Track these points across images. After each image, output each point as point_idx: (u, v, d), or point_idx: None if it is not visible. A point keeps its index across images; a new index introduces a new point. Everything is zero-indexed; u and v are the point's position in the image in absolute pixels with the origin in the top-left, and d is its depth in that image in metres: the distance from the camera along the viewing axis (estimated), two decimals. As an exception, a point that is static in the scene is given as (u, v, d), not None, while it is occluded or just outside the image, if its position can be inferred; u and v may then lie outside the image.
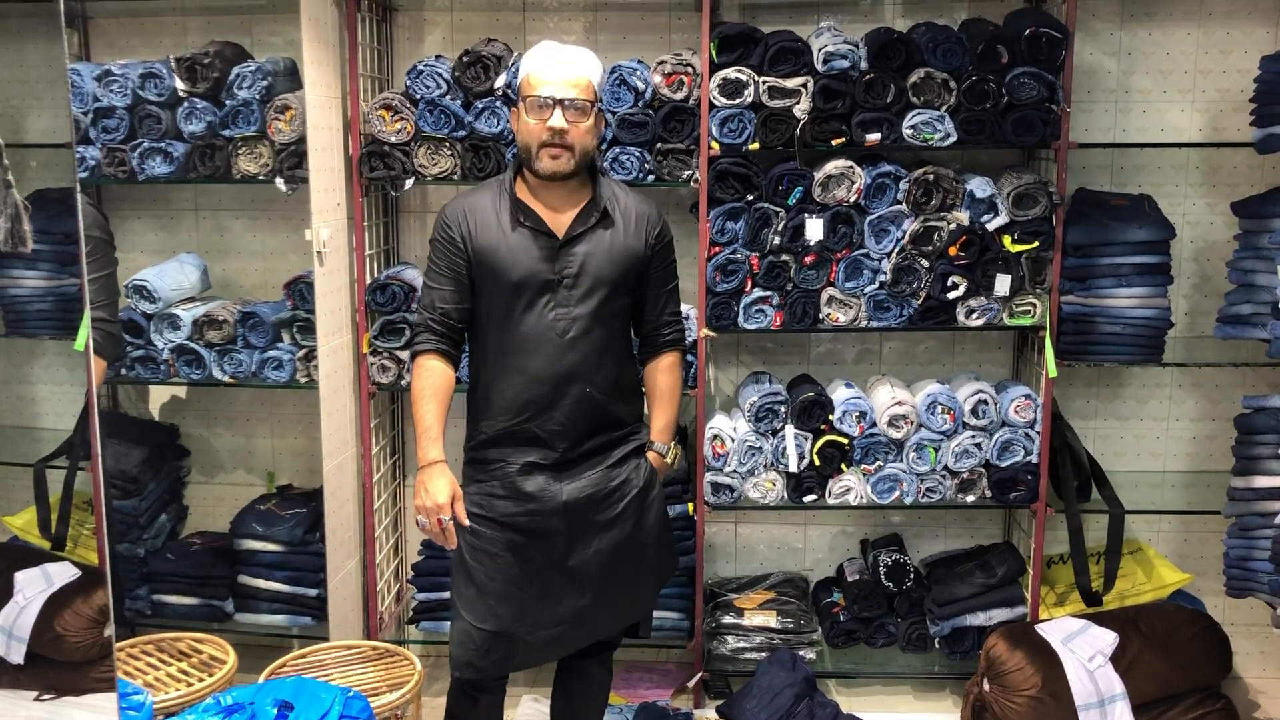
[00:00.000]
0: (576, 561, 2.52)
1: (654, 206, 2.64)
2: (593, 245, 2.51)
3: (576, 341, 2.49)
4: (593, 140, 2.51)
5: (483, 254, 2.50)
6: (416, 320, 2.59)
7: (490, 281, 2.51)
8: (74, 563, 2.38)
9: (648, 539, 2.61)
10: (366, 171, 3.22)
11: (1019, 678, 2.92)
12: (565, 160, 2.45)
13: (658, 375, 2.70)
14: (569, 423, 2.51)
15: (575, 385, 2.50)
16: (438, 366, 2.53)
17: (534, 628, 2.53)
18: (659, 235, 2.62)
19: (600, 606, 2.58)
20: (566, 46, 2.52)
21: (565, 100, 2.43)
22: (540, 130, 2.44)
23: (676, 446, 2.72)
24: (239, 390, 3.56)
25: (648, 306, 2.65)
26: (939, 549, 3.60)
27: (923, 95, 3.04)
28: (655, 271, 2.63)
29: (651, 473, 2.63)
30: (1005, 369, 3.52)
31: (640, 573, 2.62)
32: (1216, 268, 3.36)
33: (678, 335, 2.71)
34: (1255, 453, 3.04)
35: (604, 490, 2.54)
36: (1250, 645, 3.51)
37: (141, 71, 3.20)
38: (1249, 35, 3.28)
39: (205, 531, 3.60)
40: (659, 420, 2.68)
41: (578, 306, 2.49)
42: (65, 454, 2.56)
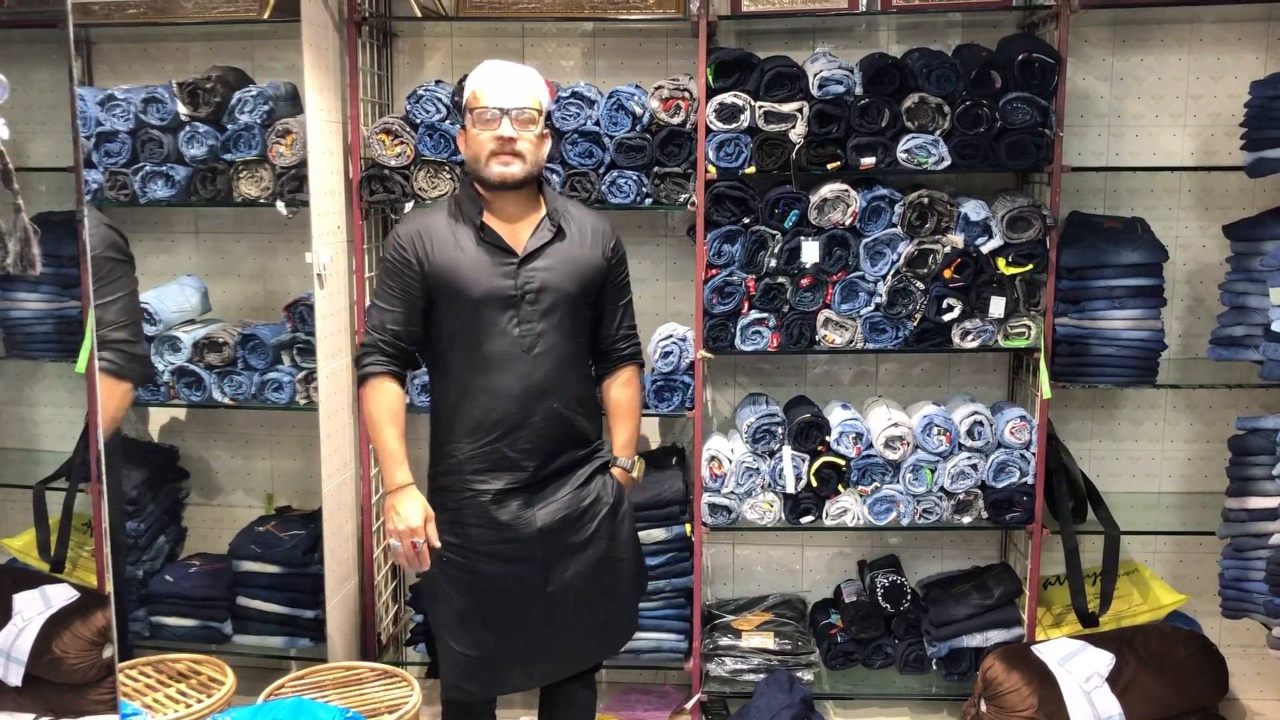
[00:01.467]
0: (555, 587, 2.51)
1: (607, 221, 2.66)
2: (553, 259, 2.51)
3: (543, 357, 2.49)
4: (541, 153, 2.52)
5: (441, 274, 2.48)
6: (365, 341, 2.56)
7: (452, 301, 2.49)
8: (73, 585, 2.39)
9: (623, 555, 2.61)
10: (366, 195, 3.24)
11: (1016, 699, 2.92)
12: (517, 166, 2.45)
13: (619, 390, 2.71)
14: (539, 440, 2.51)
15: (544, 401, 2.50)
16: (391, 389, 2.52)
17: (519, 655, 2.53)
18: (615, 248, 2.63)
19: (583, 629, 2.58)
20: (512, 64, 2.54)
21: (512, 110, 2.44)
22: (489, 140, 2.45)
23: (640, 461, 2.73)
24: (239, 412, 3.57)
25: (605, 321, 2.67)
26: (936, 570, 3.61)
27: (917, 120, 3.07)
28: (612, 285, 2.64)
29: (619, 488, 2.64)
30: (1000, 391, 3.54)
31: (618, 588, 2.62)
32: (1209, 290, 3.38)
33: (634, 349, 2.73)
34: (1249, 474, 3.05)
35: (576, 511, 2.54)
36: (1247, 666, 3.52)
37: (144, 96, 3.23)
38: (1239, 61, 3.32)
39: (204, 553, 3.60)
40: (621, 435, 2.69)
41: (541, 321, 2.49)
42: (65, 476, 2.57)
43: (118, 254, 2.70)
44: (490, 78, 2.49)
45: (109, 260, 2.66)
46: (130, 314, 2.71)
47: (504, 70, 2.51)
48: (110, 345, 2.64)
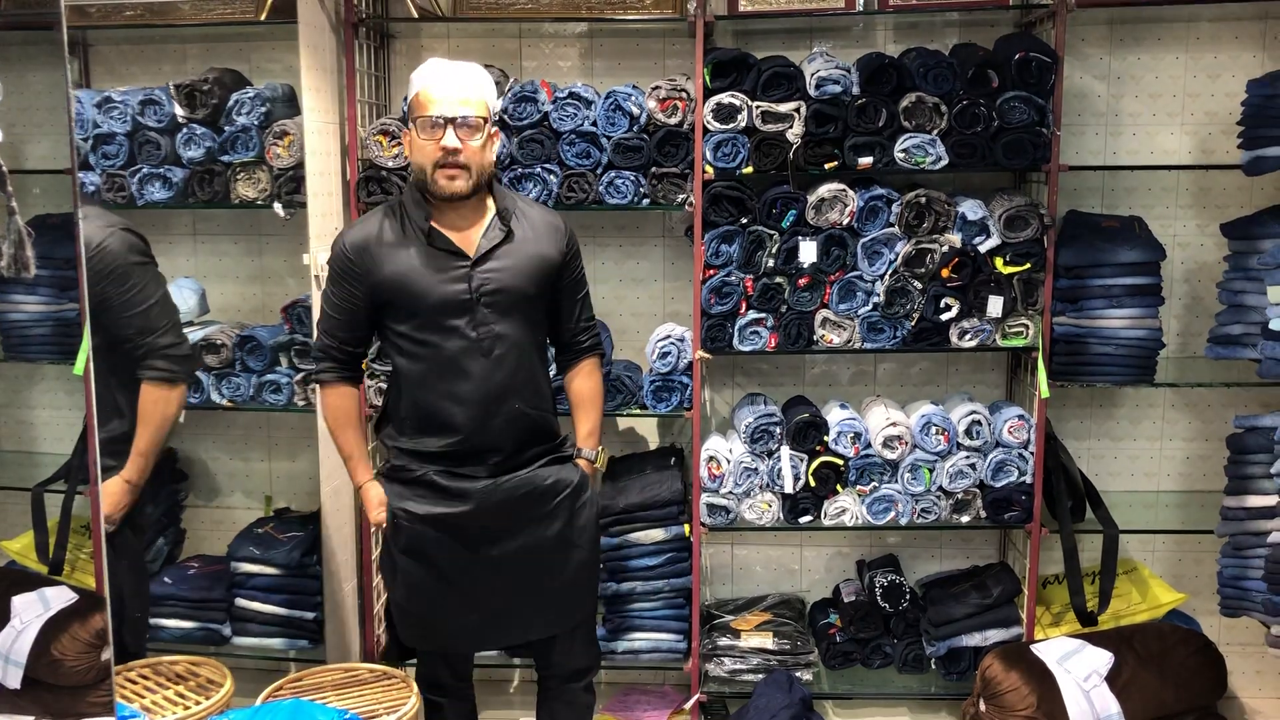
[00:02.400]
0: (499, 551, 2.53)
1: (560, 217, 2.66)
2: (506, 259, 2.51)
3: (503, 359, 2.50)
4: (488, 157, 2.51)
5: (391, 284, 2.48)
6: (316, 346, 2.62)
7: (405, 309, 2.49)
8: (71, 587, 2.38)
9: (578, 540, 2.62)
10: (364, 196, 3.24)
11: (1015, 698, 2.92)
12: (462, 180, 2.45)
13: (580, 381, 2.73)
14: (501, 440, 2.52)
15: (506, 403, 2.51)
16: (348, 391, 2.61)
17: (458, 618, 2.57)
18: (569, 243, 2.64)
19: (526, 602, 2.59)
20: (458, 64, 2.51)
21: (457, 119, 2.43)
22: (434, 150, 2.43)
23: (604, 451, 2.76)
24: (237, 414, 3.57)
25: (563, 314, 2.68)
26: (934, 570, 3.61)
27: (914, 119, 3.07)
28: (568, 280, 2.65)
29: (583, 476, 2.65)
30: (998, 390, 3.54)
31: (568, 571, 2.62)
32: (1207, 288, 3.39)
33: (595, 340, 2.75)
34: (1247, 472, 3.05)
35: (539, 488, 2.55)
36: (1246, 664, 3.52)
37: (141, 98, 3.23)
38: (1236, 59, 3.32)
39: (202, 555, 3.60)
40: (584, 426, 2.71)
41: (499, 323, 2.49)
42: (63, 478, 2.57)
43: (141, 257, 2.71)
44: (434, 80, 2.46)
45: (138, 265, 2.67)
46: (169, 315, 2.72)
47: (449, 74, 2.48)
48: (160, 352, 2.67)
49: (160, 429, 2.71)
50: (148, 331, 2.65)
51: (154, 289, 2.69)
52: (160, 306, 2.70)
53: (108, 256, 2.61)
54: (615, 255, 3.53)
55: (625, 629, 3.34)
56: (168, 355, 2.67)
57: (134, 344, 2.65)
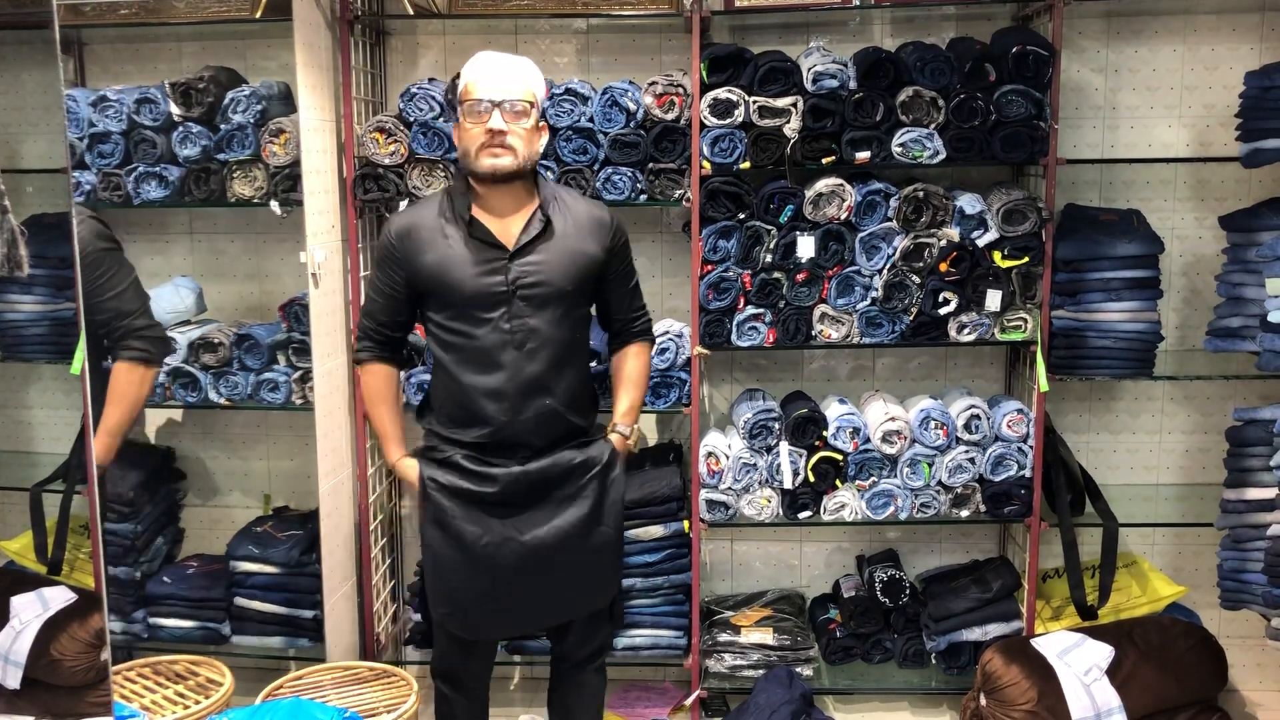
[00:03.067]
0: (531, 537, 2.51)
1: (606, 209, 2.65)
2: (545, 254, 2.50)
3: (536, 353, 2.49)
4: (535, 145, 2.50)
5: (430, 272, 2.49)
6: (359, 326, 2.66)
7: (442, 298, 2.50)
8: (70, 587, 2.38)
9: (607, 520, 2.60)
10: (361, 194, 3.24)
11: (1015, 692, 2.92)
12: (507, 158, 2.44)
13: (627, 360, 2.72)
14: (532, 436, 2.52)
15: (536, 398, 2.50)
16: (383, 370, 2.63)
17: (484, 600, 2.54)
18: (615, 237, 2.63)
19: (558, 587, 2.57)
20: (506, 55, 2.52)
21: (504, 102, 2.43)
22: (479, 133, 2.43)
23: (638, 429, 2.75)
24: (235, 412, 3.56)
25: (614, 305, 2.68)
26: (934, 564, 3.61)
27: (911, 113, 3.07)
28: (615, 273, 2.65)
29: (614, 452, 2.63)
30: (997, 384, 3.54)
31: (598, 552, 2.60)
32: (1205, 281, 3.38)
33: (645, 325, 2.75)
34: (1247, 465, 3.05)
35: (567, 466, 2.54)
36: (1246, 657, 3.52)
37: (137, 97, 3.22)
38: (1234, 52, 3.32)
39: (201, 554, 3.60)
40: (624, 402, 2.69)
41: (534, 317, 2.48)
42: (61, 478, 2.57)
43: (109, 243, 2.72)
44: (482, 70, 2.48)
45: (105, 252, 2.68)
46: (141, 299, 2.73)
47: (497, 61, 2.49)
48: (136, 333, 2.68)
49: (132, 408, 2.71)
50: (123, 315, 2.66)
51: (125, 274, 2.71)
52: (132, 290, 2.71)
53: (79, 243, 2.59)
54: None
55: (625, 625, 3.34)
56: (143, 336, 2.68)
57: (110, 328, 2.66)
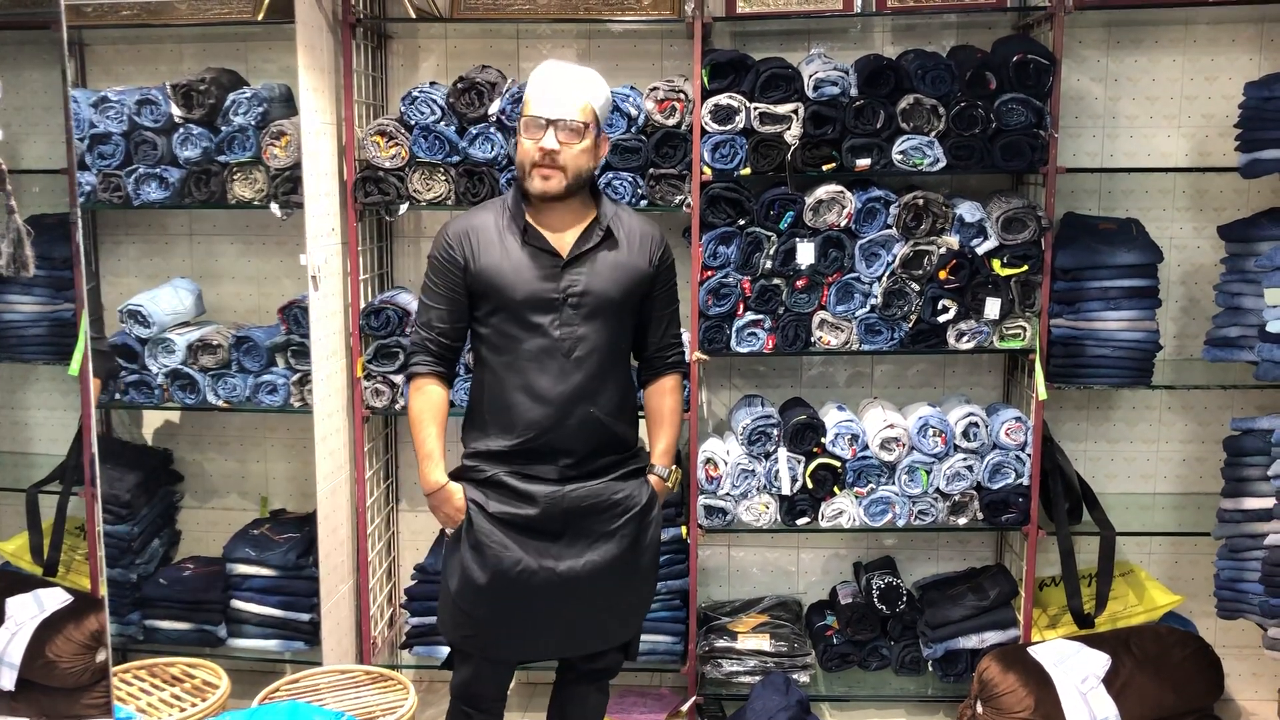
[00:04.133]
0: (566, 569, 2.50)
1: (657, 228, 2.65)
2: (597, 264, 2.51)
3: (582, 361, 2.49)
4: (588, 162, 2.50)
5: (486, 274, 2.49)
6: (412, 339, 2.60)
7: (494, 301, 2.50)
8: (66, 588, 2.38)
9: (643, 560, 2.60)
10: (361, 197, 3.24)
11: (1012, 700, 2.92)
12: (556, 181, 2.45)
13: (660, 398, 2.70)
14: (574, 443, 2.51)
15: (581, 405, 2.49)
16: (435, 389, 2.55)
17: (512, 625, 2.52)
18: (663, 255, 2.63)
19: (586, 619, 2.56)
20: (570, 66, 2.51)
21: (559, 121, 2.43)
22: (533, 150, 2.44)
23: (677, 470, 2.73)
24: (233, 415, 3.56)
25: (651, 329, 2.66)
26: (931, 571, 3.60)
27: (912, 121, 3.07)
28: (659, 292, 2.64)
29: (653, 494, 2.62)
30: (996, 392, 3.54)
31: (630, 592, 2.60)
32: (1204, 291, 3.39)
33: (679, 357, 2.72)
34: (1244, 474, 3.05)
35: (606, 501, 2.53)
36: (1242, 667, 3.52)
37: (138, 98, 3.22)
38: (1233, 62, 3.33)
39: (198, 556, 3.59)
40: (660, 443, 2.68)
41: (583, 326, 2.49)
42: (58, 479, 2.56)
43: None
44: (543, 83, 2.47)
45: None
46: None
47: (558, 76, 2.48)
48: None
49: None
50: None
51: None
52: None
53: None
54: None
55: (622, 631, 3.34)
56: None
57: None
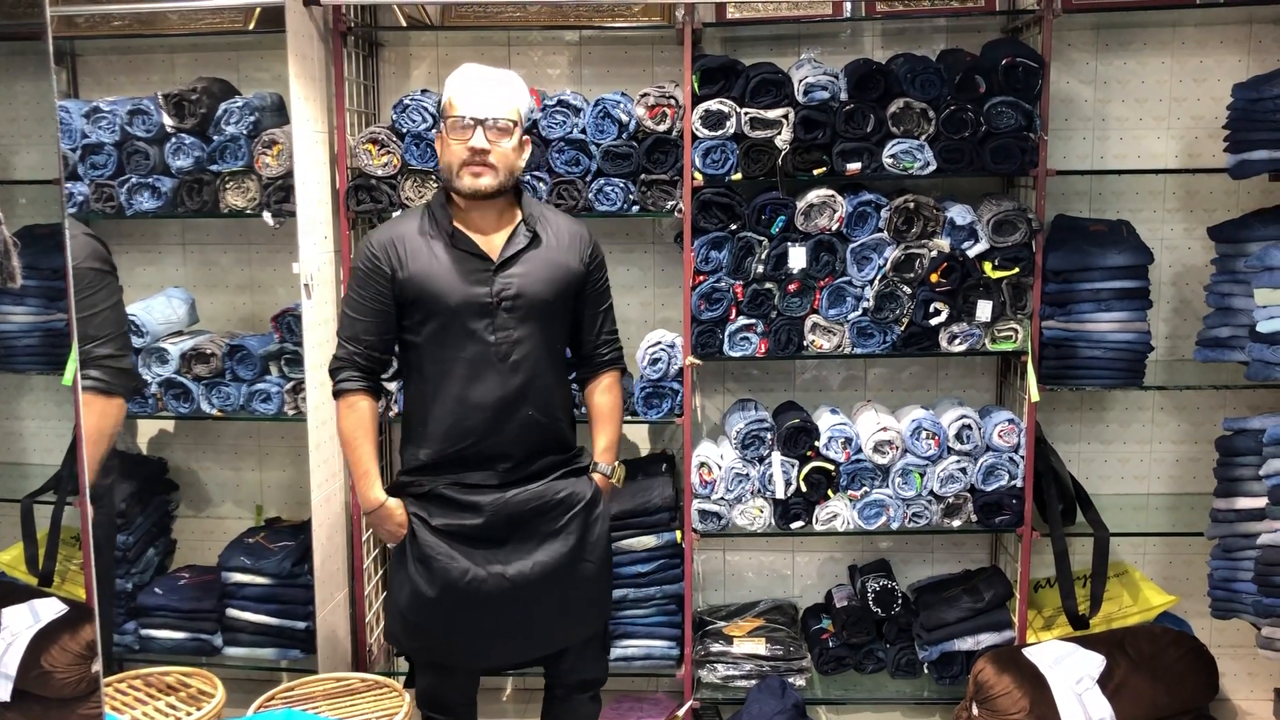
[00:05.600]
0: (515, 573, 2.50)
1: (585, 226, 2.66)
2: (528, 266, 2.51)
3: (519, 365, 2.49)
4: (518, 161, 2.51)
5: (415, 282, 2.48)
6: (337, 355, 2.56)
7: (425, 309, 2.49)
8: (61, 598, 2.37)
9: (590, 556, 2.60)
10: (353, 204, 3.24)
11: (1007, 701, 2.93)
12: (489, 177, 2.45)
13: (599, 396, 2.71)
14: (514, 447, 2.52)
15: (520, 409, 2.50)
16: (366, 405, 2.54)
17: (468, 635, 2.53)
18: (593, 254, 2.64)
19: (542, 621, 2.56)
20: (490, 69, 2.52)
21: (487, 120, 2.43)
22: (461, 150, 2.44)
23: (620, 467, 2.74)
24: (227, 423, 3.56)
25: (585, 327, 2.67)
26: (926, 574, 3.61)
27: (902, 125, 3.08)
28: (591, 291, 2.64)
29: (597, 490, 2.63)
30: (988, 394, 3.55)
31: (583, 588, 2.60)
32: (1195, 291, 3.40)
33: (616, 354, 2.73)
34: (1237, 474, 3.06)
35: (550, 501, 2.54)
36: (1237, 666, 3.53)
37: (129, 108, 3.22)
38: (1221, 63, 3.34)
39: (193, 565, 3.59)
40: (602, 440, 2.69)
41: (518, 329, 2.49)
42: (53, 489, 2.56)
43: (100, 264, 2.65)
44: (467, 85, 2.48)
45: (92, 271, 2.62)
46: (115, 326, 2.66)
47: (481, 77, 2.49)
48: (95, 362, 2.59)
49: (91, 443, 2.58)
50: (86, 340, 2.57)
51: (104, 298, 2.63)
52: (106, 316, 2.63)
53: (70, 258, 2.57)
54: (605, 262, 3.53)
55: (617, 636, 3.34)
56: (104, 365, 2.60)
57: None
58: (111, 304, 2.66)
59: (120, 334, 2.68)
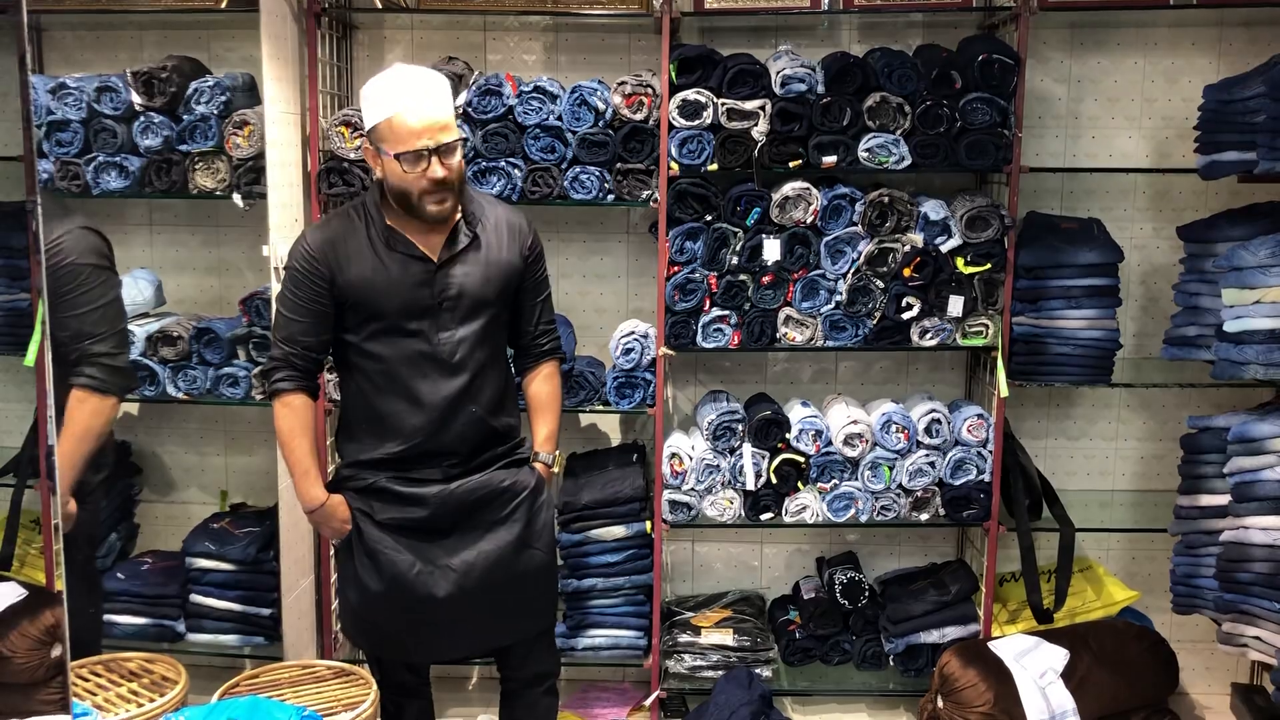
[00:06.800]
0: (461, 563, 2.51)
1: (523, 216, 2.64)
2: (469, 265, 2.49)
3: (463, 363, 2.48)
4: (463, 167, 2.48)
5: (355, 286, 2.45)
6: (272, 355, 2.52)
7: (366, 311, 2.46)
8: (20, 583, 2.34)
9: (536, 544, 2.60)
10: (325, 187, 3.21)
11: (972, 694, 2.95)
12: (450, 201, 2.43)
13: (539, 385, 2.70)
14: (458, 444, 2.52)
15: (464, 408, 2.50)
16: (303, 403, 2.51)
17: (417, 628, 2.54)
18: (532, 245, 2.62)
19: (491, 611, 2.56)
20: (420, 78, 2.38)
21: (441, 147, 2.37)
22: (420, 181, 2.37)
23: (560, 456, 2.76)
24: (192, 407, 3.52)
25: (524, 318, 2.66)
26: (893, 567, 3.63)
27: (878, 119, 3.09)
28: (530, 282, 2.63)
29: (540, 479, 2.64)
30: (958, 389, 3.57)
31: (530, 577, 2.60)
32: (1163, 290, 3.43)
33: (554, 344, 2.73)
34: (1200, 472, 3.10)
35: (495, 490, 2.54)
36: (1196, 661, 3.58)
37: (97, 85, 3.17)
38: (1192, 65, 3.37)
39: (156, 550, 3.55)
40: (542, 430, 2.69)
41: (461, 328, 2.48)
42: (13, 471, 2.52)
43: (98, 259, 2.58)
44: (410, 107, 2.34)
45: (90, 267, 2.55)
46: (111, 323, 2.59)
47: (421, 95, 2.36)
48: (92, 359, 2.54)
49: (81, 440, 2.55)
50: (83, 336, 2.53)
51: (101, 294, 2.57)
52: (103, 313, 2.57)
53: (60, 253, 2.51)
54: (579, 251, 3.52)
55: (585, 626, 3.34)
56: (99, 363, 2.55)
57: (67, 348, 2.51)
58: (109, 300, 2.60)
59: (117, 331, 2.62)
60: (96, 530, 3.22)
